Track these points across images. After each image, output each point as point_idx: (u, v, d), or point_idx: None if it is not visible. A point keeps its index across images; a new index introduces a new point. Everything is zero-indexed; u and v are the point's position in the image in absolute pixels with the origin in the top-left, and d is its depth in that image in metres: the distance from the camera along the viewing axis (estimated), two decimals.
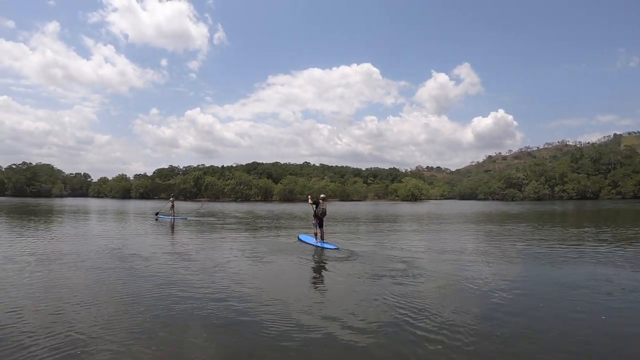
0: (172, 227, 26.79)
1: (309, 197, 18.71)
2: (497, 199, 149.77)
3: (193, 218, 35.13)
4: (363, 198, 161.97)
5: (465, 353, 5.65)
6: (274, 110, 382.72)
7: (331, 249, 15.77)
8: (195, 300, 8.21)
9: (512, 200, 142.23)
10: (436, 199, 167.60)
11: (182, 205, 64.96)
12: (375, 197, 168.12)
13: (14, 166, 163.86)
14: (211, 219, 35.57)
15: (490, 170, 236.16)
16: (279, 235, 21.64)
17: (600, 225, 28.04)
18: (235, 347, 5.87)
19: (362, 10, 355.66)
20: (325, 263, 12.98)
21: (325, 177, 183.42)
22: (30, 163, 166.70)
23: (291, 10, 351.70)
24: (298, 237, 19.08)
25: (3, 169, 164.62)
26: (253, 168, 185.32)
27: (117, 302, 8.04)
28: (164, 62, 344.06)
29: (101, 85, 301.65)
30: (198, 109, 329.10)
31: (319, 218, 17.03)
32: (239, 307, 7.76)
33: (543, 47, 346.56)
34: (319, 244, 16.61)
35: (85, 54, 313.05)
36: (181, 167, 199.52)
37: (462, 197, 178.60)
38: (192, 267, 11.79)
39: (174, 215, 33.32)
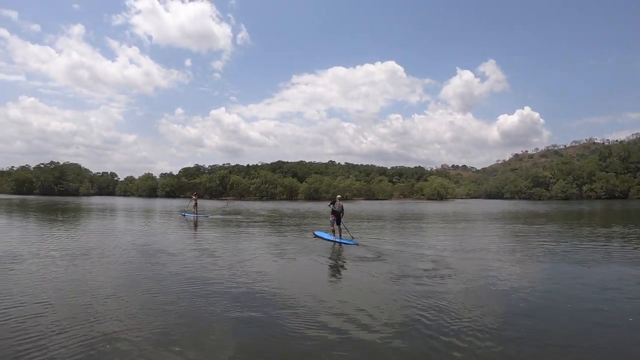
0: (196, 224, 27.01)
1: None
2: (524, 198, 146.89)
3: (218, 216, 35.29)
4: (388, 197, 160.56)
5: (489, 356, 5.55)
6: (299, 110, 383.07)
7: (350, 244, 15.88)
8: (219, 296, 8.27)
9: (539, 199, 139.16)
10: (462, 198, 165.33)
11: (207, 204, 65.70)
12: (401, 196, 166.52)
13: (42, 166, 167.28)
14: (238, 217, 35.72)
15: (517, 169, 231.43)
16: (303, 234, 21.67)
17: (630, 225, 27.22)
18: (256, 346, 5.87)
19: (386, 9, 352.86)
20: (348, 261, 12.95)
21: (351, 176, 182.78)
22: (58, 162, 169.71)
23: (314, 9, 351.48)
24: (314, 233, 19.45)
25: (32, 169, 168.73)
26: (278, 167, 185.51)
27: (143, 297, 8.17)
28: (188, 63, 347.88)
29: (127, 85, 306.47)
30: (223, 108, 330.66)
31: (337, 215, 17.58)
32: (261, 305, 7.78)
33: (569, 44, 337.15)
34: (337, 240, 16.90)
35: (110, 55, 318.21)
36: (207, 166, 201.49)
37: (488, 196, 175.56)
38: (217, 264, 11.89)
39: (196, 213, 33.57)
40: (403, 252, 14.61)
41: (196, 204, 34.21)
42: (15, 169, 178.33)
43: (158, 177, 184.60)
